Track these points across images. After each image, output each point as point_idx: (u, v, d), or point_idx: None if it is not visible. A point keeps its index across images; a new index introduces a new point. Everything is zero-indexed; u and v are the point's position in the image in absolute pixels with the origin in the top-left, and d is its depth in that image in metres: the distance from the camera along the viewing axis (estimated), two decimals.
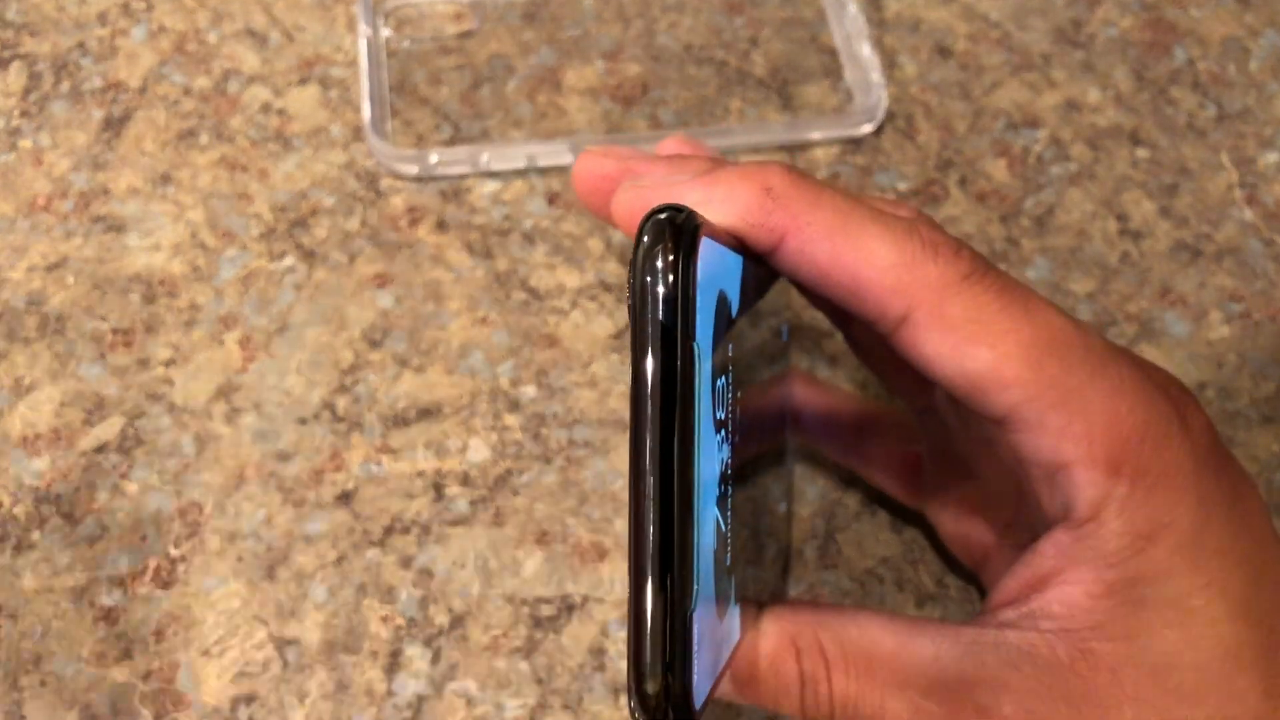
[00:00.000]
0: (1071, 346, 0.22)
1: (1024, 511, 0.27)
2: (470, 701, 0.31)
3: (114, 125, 0.39)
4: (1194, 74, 0.41)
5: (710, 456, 0.20)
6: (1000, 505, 0.28)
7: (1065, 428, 0.22)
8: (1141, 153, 0.40)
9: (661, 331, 0.19)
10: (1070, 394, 0.22)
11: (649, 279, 0.19)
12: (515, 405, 0.35)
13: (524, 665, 0.31)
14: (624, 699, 0.31)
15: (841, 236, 0.22)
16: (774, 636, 0.24)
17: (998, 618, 0.24)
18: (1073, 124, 0.40)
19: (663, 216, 0.20)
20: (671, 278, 0.19)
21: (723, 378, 0.21)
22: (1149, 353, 0.36)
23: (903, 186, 0.39)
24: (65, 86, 0.40)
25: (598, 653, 0.31)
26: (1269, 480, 0.34)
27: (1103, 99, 0.41)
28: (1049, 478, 0.23)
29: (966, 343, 0.22)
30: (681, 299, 0.19)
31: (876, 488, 0.33)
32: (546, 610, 0.32)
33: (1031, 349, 0.22)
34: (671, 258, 0.19)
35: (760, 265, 0.24)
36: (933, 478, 0.31)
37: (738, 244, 0.23)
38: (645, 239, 0.20)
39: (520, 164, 0.38)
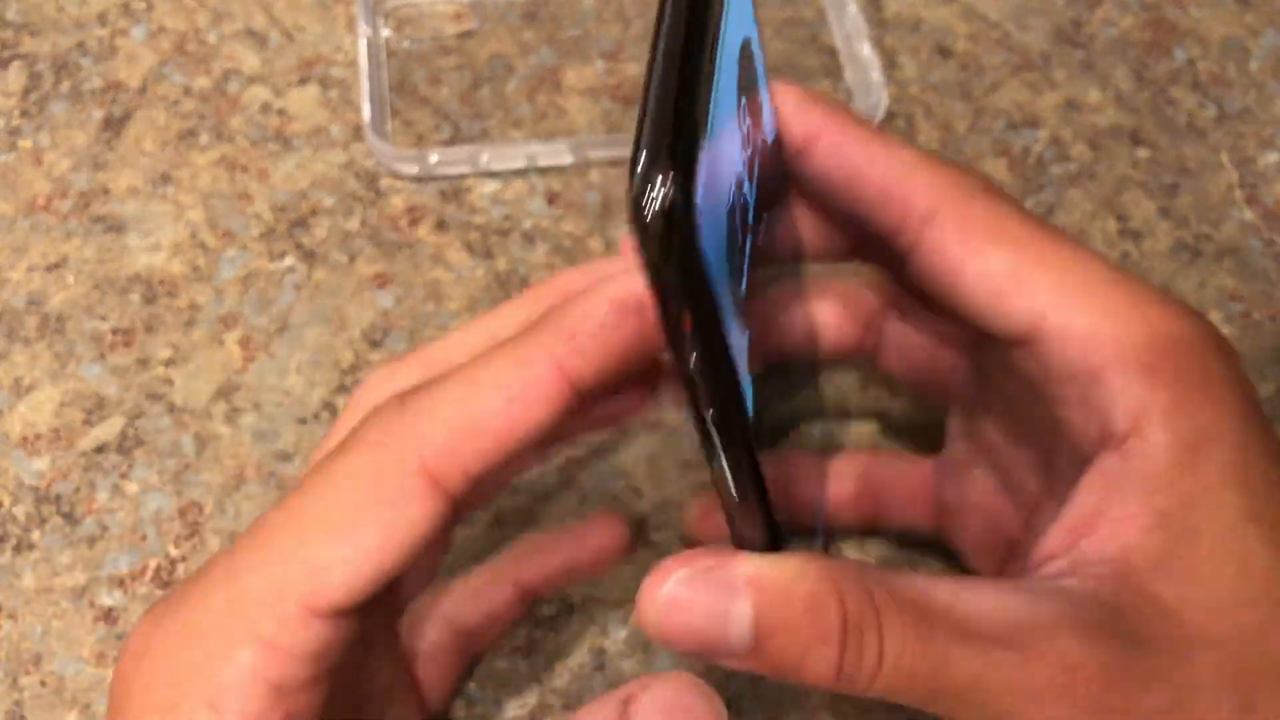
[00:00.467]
0: (1089, 260, 0.22)
1: (1047, 506, 0.26)
2: (470, 701, 0.31)
3: (114, 125, 0.39)
4: (1194, 74, 0.41)
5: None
6: (1021, 505, 0.27)
7: (1093, 331, 0.22)
8: (1141, 153, 0.40)
9: None
10: (1095, 297, 0.22)
11: None
12: None
13: (524, 665, 0.31)
14: None
15: (876, 143, 0.24)
16: (813, 577, 0.20)
17: (1047, 569, 0.22)
18: (1073, 124, 0.40)
19: None
20: None
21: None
22: None
23: None
24: (65, 86, 0.40)
25: (598, 653, 0.31)
26: None
27: (1103, 99, 0.41)
28: (1082, 398, 0.22)
29: (990, 243, 0.23)
30: None
31: (894, 530, 0.32)
32: (546, 610, 0.32)
33: (1051, 254, 0.22)
34: None
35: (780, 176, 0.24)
36: (947, 494, 0.30)
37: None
38: None
39: (520, 164, 0.38)
